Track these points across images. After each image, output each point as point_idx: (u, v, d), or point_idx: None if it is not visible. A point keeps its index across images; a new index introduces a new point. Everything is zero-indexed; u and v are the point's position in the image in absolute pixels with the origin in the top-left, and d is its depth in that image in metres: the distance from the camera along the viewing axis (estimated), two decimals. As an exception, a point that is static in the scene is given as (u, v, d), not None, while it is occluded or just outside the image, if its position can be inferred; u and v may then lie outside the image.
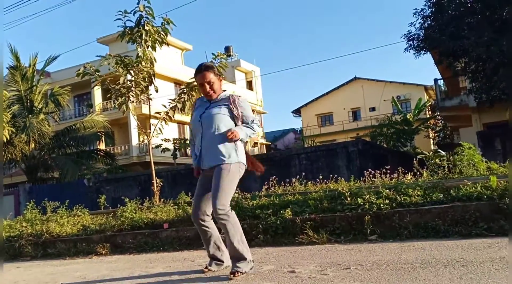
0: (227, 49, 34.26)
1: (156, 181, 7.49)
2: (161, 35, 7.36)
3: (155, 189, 7.51)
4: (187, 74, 27.16)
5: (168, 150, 18.36)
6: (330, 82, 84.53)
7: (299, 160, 13.55)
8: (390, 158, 15.14)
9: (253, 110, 35.31)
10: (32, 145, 18.21)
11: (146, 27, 7.10)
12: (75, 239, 5.81)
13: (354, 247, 3.79)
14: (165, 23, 7.30)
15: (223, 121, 2.89)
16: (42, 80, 19.64)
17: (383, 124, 24.28)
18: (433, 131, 29.18)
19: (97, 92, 26.37)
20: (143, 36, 7.10)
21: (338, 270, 2.82)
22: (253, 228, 4.74)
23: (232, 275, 2.78)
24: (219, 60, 7.40)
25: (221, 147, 2.86)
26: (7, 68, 18.93)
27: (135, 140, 25.83)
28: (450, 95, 17.26)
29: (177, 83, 26.67)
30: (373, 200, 4.57)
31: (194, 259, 4.00)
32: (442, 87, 18.40)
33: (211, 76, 2.94)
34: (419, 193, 4.58)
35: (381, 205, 4.44)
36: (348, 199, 4.75)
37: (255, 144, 34.59)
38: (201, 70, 2.95)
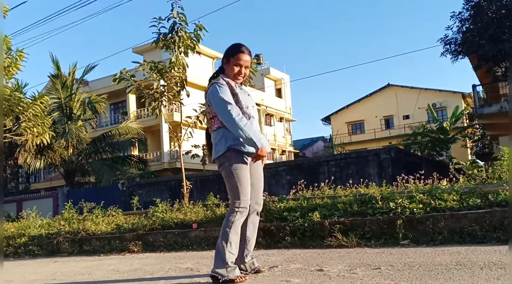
0: (257, 57, 34.47)
1: (186, 183, 7.61)
2: (193, 41, 7.51)
3: (185, 191, 7.62)
4: (218, 82, 27.50)
5: (197, 156, 18.60)
6: (362, 89, 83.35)
7: (328, 167, 13.37)
8: (425, 166, 14.66)
9: (281, 118, 35.52)
10: (71, 150, 18.95)
11: (180, 33, 7.27)
12: (109, 237, 5.98)
13: (385, 250, 3.69)
14: (198, 29, 7.46)
15: None
16: (80, 89, 20.46)
17: (417, 133, 23.65)
18: (471, 140, 28.15)
19: (132, 101, 27.18)
20: (176, 42, 7.28)
21: (368, 269, 2.76)
22: (281, 230, 4.72)
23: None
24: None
25: None
26: (48, 76, 19.88)
27: (166, 147, 26.39)
28: (489, 102, 16.61)
29: (209, 91, 27.09)
30: (406, 204, 4.46)
31: (222, 258, 4.02)
32: (481, 94, 17.74)
33: (250, 59, 2.84)
34: (454, 197, 4.42)
35: (414, 209, 4.31)
36: (379, 202, 4.65)
37: (283, 151, 34.48)
38: (247, 52, 2.81)
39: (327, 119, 37.87)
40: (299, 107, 74.02)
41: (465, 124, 28.24)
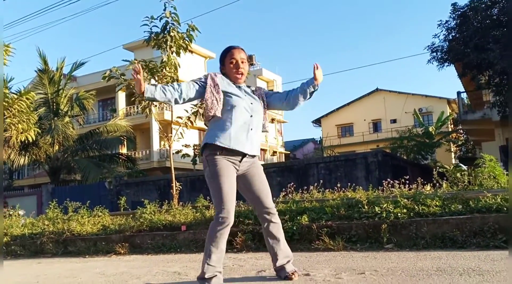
0: (250, 58, 34.23)
1: (175, 184, 7.61)
2: (186, 41, 7.53)
3: (174, 192, 7.63)
4: (209, 82, 27.50)
5: (188, 155, 18.57)
6: (352, 93, 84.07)
7: (317, 169, 13.54)
8: (410, 170, 14.99)
9: (273, 120, 35.66)
10: (56, 147, 18.71)
11: (172, 33, 7.29)
12: (95, 238, 5.95)
13: (370, 254, 3.78)
14: (190, 29, 7.49)
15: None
16: (68, 84, 20.21)
17: (404, 137, 24.01)
18: (455, 145, 28.67)
19: (121, 98, 26.96)
20: (168, 42, 7.29)
21: (353, 274, 2.83)
22: (269, 233, 4.78)
23: None
24: (241, 68, 7.51)
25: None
26: (35, 71, 19.61)
27: (156, 145, 26.24)
28: (473, 109, 16.98)
29: (199, 90, 27.05)
30: (391, 209, 4.56)
31: (210, 260, 4.05)
32: (465, 101, 18.10)
33: (245, 55, 2.74)
34: (437, 203, 4.54)
35: (399, 214, 4.42)
36: (366, 207, 4.75)
37: (274, 152, 34.60)
38: (239, 48, 2.74)
39: (317, 122, 38.15)
40: (290, 108, 73.79)
41: (450, 129, 28.73)
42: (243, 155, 2.63)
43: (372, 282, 2.57)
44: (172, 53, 7.45)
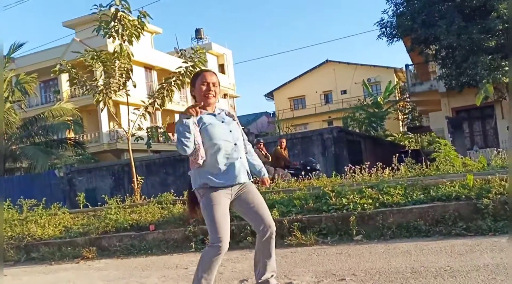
0: (197, 31, 33.56)
1: (137, 178, 7.44)
2: (138, 29, 7.19)
3: (136, 186, 7.46)
4: (157, 59, 26.51)
5: (142, 138, 18.07)
6: (303, 65, 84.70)
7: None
8: (363, 143, 15.59)
9: (225, 95, 35.30)
10: (-2, 135, 17.52)
11: (123, 22, 6.91)
12: (59, 242, 5.72)
13: (343, 250, 3.94)
14: (142, 16, 7.15)
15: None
16: (7, 67, 18.77)
17: (356, 107, 24.78)
18: (402, 113, 30.07)
19: (64, 78, 25.40)
20: (120, 30, 6.91)
21: (334, 281, 2.95)
22: (241, 229, 4.82)
23: None
24: (199, 56, 7.32)
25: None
26: (-33, 55, 17.95)
27: (105, 127, 25.19)
28: (420, 80, 17.74)
29: (147, 67, 26.05)
30: (357, 199, 4.75)
31: (187, 266, 4.04)
32: (413, 72, 18.86)
33: (217, 80, 2.77)
34: (400, 192, 4.78)
35: (365, 205, 4.61)
36: (333, 199, 4.90)
37: (229, 128, 34.49)
38: (209, 70, 2.86)
39: (270, 95, 38.29)
40: (242, 82, 73.73)
41: (397, 98, 29.99)
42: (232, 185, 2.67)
43: (354, 290, 2.69)
44: (124, 42, 7.09)
